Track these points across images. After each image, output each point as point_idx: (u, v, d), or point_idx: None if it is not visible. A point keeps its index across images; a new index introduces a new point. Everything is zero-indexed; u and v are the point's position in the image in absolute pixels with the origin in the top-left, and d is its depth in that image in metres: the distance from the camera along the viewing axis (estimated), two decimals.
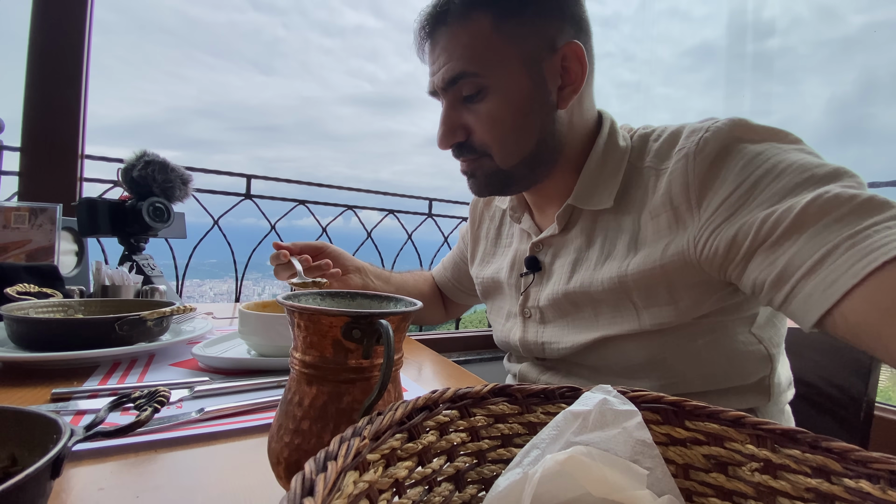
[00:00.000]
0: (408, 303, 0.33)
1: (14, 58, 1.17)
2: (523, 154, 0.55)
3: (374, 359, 0.28)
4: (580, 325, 0.57)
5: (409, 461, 0.20)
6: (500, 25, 0.51)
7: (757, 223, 0.42)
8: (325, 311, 0.26)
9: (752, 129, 0.47)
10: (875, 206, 0.37)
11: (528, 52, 0.52)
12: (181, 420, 0.39)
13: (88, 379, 0.49)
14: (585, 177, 0.56)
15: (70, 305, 0.66)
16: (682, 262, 0.48)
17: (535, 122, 0.54)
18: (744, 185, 0.44)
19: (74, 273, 1.01)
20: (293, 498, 0.13)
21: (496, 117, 0.53)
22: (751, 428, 0.20)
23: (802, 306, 0.38)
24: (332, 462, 0.16)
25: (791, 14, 2.71)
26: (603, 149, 0.57)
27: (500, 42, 0.52)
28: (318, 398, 0.27)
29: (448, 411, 0.23)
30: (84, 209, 0.94)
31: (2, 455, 0.27)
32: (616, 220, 0.55)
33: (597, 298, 0.54)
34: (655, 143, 0.54)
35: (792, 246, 0.39)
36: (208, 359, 0.55)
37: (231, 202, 1.50)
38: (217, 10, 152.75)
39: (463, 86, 0.53)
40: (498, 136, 0.54)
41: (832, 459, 0.18)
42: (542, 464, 0.22)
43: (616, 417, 0.23)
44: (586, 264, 0.56)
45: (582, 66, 0.53)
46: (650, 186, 0.52)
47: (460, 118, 0.56)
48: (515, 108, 0.53)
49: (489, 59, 0.52)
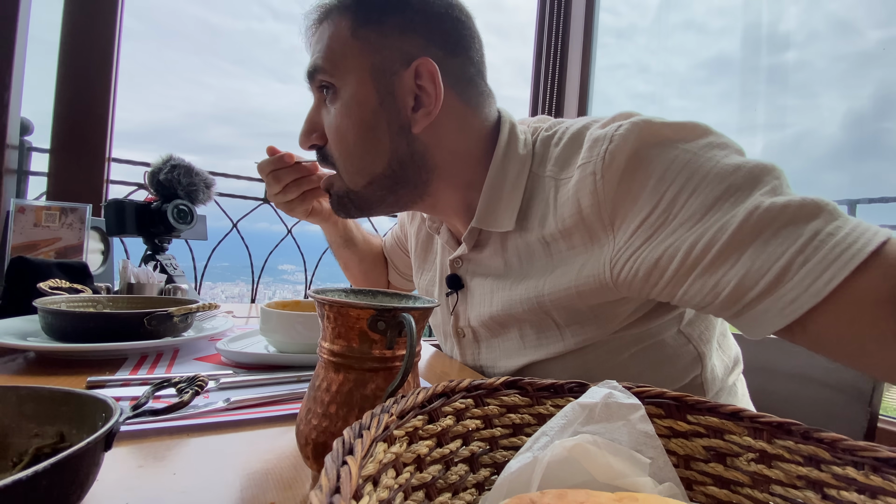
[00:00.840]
0: (426, 301, 0.35)
1: (45, 62, 1.23)
2: (371, 175, 0.52)
3: (396, 350, 0.30)
4: (510, 348, 0.57)
5: (430, 441, 0.22)
6: (357, 30, 0.50)
7: (685, 246, 0.40)
8: (354, 304, 0.29)
9: (658, 131, 0.44)
10: (809, 213, 0.37)
11: (380, 63, 0.50)
12: (209, 408, 0.41)
13: (119, 370, 0.52)
14: (485, 196, 0.53)
15: (99, 301, 0.70)
16: (597, 285, 0.46)
17: (382, 141, 0.51)
18: (661, 205, 0.42)
19: (101, 271, 1.05)
20: (336, 457, 0.15)
21: (341, 128, 0.51)
22: (748, 421, 0.22)
23: (755, 321, 0.38)
24: (367, 431, 0.18)
25: (807, 28, 2.76)
26: (501, 163, 0.53)
27: (354, 47, 0.50)
28: (345, 384, 0.29)
29: (464, 399, 0.25)
30: (112, 210, 0.98)
31: (51, 431, 0.29)
32: (522, 239, 0.53)
33: (520, 318, 0.53)
34: (556, 147, 0.51)
35: (734, 266, 0.38)
36: (232, 354, 0.57)
37: (248, 206, 1.54)
38: (237, 19, 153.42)
39: (318, 81, 0.52)
40: (343, 150, 0.52)
41: (822, 449, 0.20)
42: (550, 449, 0.24)
43: (621, 410, 0.24)
44: (504, 284, 0.54)
45: (436, 87, 0.49)
46: (551, 199, 0.50)
47: (319, 120, 0.54)
48: (359, 121, 0.50)
49: (341, 61, 0.51)
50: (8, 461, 0.28)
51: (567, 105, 1.89)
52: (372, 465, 0.17)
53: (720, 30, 2.37)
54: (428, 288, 0.69)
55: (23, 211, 0.95)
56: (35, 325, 0.61)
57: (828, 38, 2.02)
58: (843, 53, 1.95)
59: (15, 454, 0.28)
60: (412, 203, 0.56)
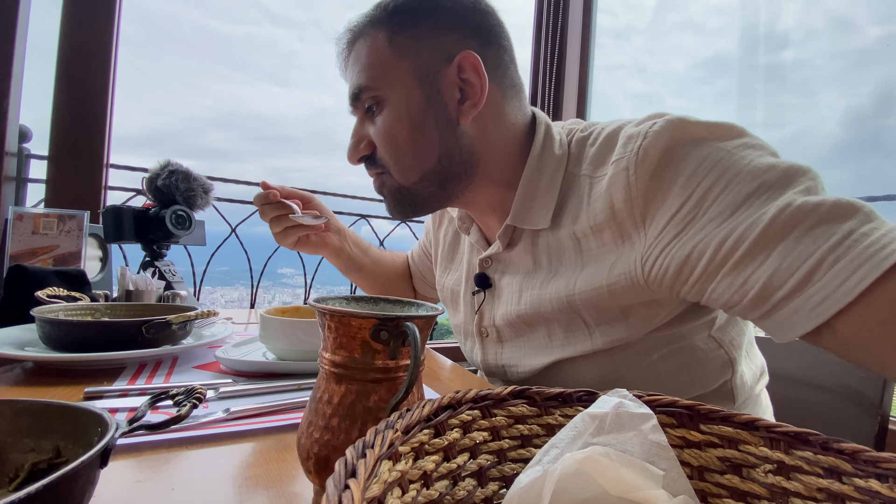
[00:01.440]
0: (429, 308, 0.34)
1: (43, 69, 1.22)
2: (423, 170, 0.54)
3: (400, 360, 0.29)
4: (535, 346, 0.56)
5: (436, 455, 0.22)
6: (393, 40, 0.52)
7: (714, 242, 0.40)
8: (355, 314, 0.28)
9: (692, 129, 0.44)
10: (842, 213, 0.36)
11: (422, 65, 0.52)
12: (208, 419, 0.40)
13: (117, 380, 0.51)
14: (521, 194, 0.55)
15: (97, 309, 0.69)
16: (629, 283, 0.46)
17: (431, 137, 0.53)
18: (691, 200, 0.42)
19: (99, 278, 1.04)
20: (338, 480, 0.15)
21: (390, 131, 0.53)
22: (764, 431, 0.21)
23: (784, 323, 0.37)
24: (370, 450, 0.17)
25: (806, 26, 2.75)
26: (537, 161, 0.55)
27: (393, 56, 0.52)
28: (347, 396, 0.28)
29: (471, 411, 0.24)
30: (110, 216, 0.97)
31: (47, 446, 0.28)
32: (554, 235, 0.53)
33: (549, 318, 0.53)
34: (592, 147, 0.52)
35: (763, 264, 0.37)
36: (231, 361, 0.57)
37: (247, 210, 1.53)
38: (235, 24, 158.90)
39: (364, 99, 0.54)
40: (393, 151, 0.54)
41: (843, 460, 0.19)
42: (561, 462, 0.23)
43: (632, 420, 0.24)
44: (533, 283, 0.54)
45: (480, 78, 0.51)
46: (584, 195, 0.50)
47: (365, 132, 0.56)
48: (409, 122, 0.52)
49: (383, 73, 0.52)
50: (4, 477, 0.27)
51: (565, 106, 1.88)
52: (376, 486, 0.17)
53: (718, 29, 2.36)
54: (453, 288, 0.69)
55: (21, 218, 0.95)
56: (33, 334, 0.60)
57: (826, 35, 2.02)
58: (842, 51, 1.95)
59: (11, 469, 0.28)
60: (456, 198, 0.57)
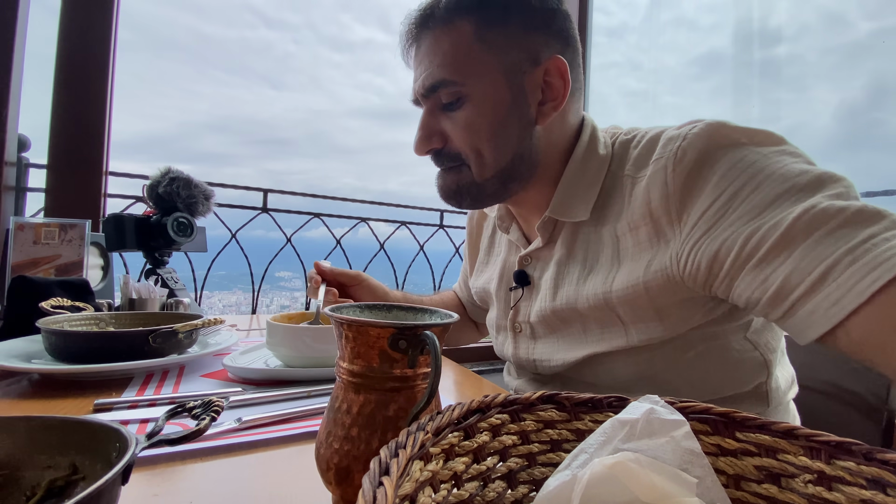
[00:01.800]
0: (444, 314, 0.34)
1: (41, 76, 1.22)
2: (498, 167, 0.53)
3: (418, 368, 0.29)
4: (570, 341, 0.56)
5: (466, 457, 0.21)
6: (482, 34, 0.50)
7: (741, 239, 0.40)
8: (373, 323, 0.27)
9: (731, 134, 0.45)
10: (867, 217, 0.36)
11: (510, 63, 0.51)
12: (221, 429, 0.40)
13: (125, 390, 0.50)
14: (563, 188, 0.55)
15: (102, 318, 0.68)
16: (665, 280, 0.46)
17: (511, 136, 0.53)
18: (722, 197, 0.42)
19: (101, 287, 1.03)
20: (373, 477, 0.15)
21: (473, 126, 0.52)
22: (804, 440, 0.21)
23: (802, 323, 0.37)
24: (402, 450, 0.17)
25: (798, 21, 2.74)
26: (581, 158, 0.55)
27: (481, 51, 0.51)
28: (366, 406, 0.28)
29: (500, 415, 0.24)
30: (111, 225, 0.96)
31: (64, 463, 0.28)
32: (596, 231, 0.53)
33: (584, 314, 0.53)
34: (635, 150, 0.52)
35: (784, 262, 0.38)
36: (239, 370, 0.56)
37: (246, 215, 1.52)
38: (229, 28, 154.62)
39: (442, 94, 0.52)
40: (474, 145, 0.53)
41: (887, 471, 0.18)
42: (590, 467, 0.23)
43: (663, 426, 0.23)
44: (569, 279, 0.55)
45: (564, 83, 0.52)
46: (626, 195, 0.51)
47: (438, 125, 0.55)
48: (492, 119, 0.52)
49: (469, 68, 0.51)
50: (21, 495, 0.27)
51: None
52: (409, 485, 0.17)
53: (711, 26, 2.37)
54: (485, 286, 0.69)
55: (22, 228, 0.94)
56: (38, 345, 0.59)
57: (819, 31, 2.02)
58: (834, 46, 1.95)
59: (28, 487, 0.27)
60: (512, 196, 0.57)
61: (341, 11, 14.71)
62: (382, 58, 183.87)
